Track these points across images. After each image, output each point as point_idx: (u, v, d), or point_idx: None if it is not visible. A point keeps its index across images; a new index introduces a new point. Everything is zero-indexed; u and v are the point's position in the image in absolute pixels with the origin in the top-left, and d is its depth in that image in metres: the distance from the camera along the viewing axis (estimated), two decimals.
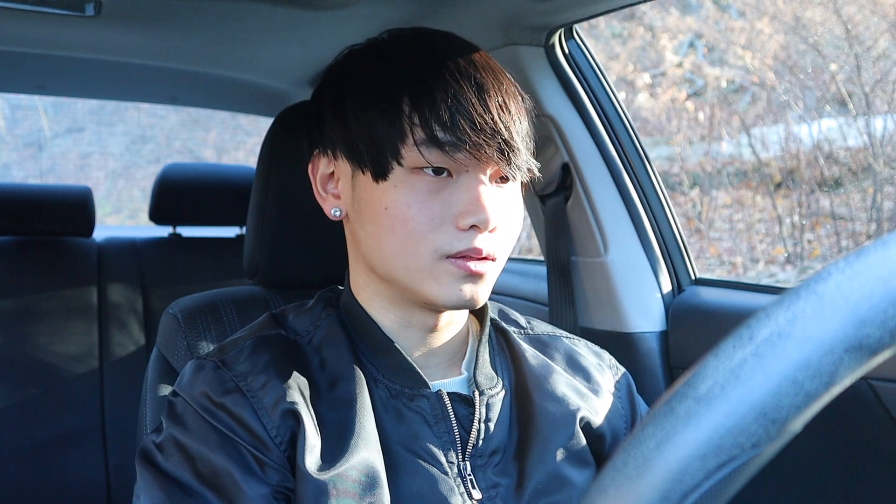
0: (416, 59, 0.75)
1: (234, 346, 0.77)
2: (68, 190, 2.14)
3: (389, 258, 0.74)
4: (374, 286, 0.80)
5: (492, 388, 0.80)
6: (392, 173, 0.72)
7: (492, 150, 0.71)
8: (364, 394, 0.75)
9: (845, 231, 4.40)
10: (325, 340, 0.79)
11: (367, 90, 0.74)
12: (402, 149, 0.71)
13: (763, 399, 0.31)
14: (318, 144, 0.81)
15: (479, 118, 0.70)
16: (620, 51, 6.77)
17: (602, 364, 0.91)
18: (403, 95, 0.72)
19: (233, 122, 8.98)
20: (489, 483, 0.75)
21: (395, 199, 0.72)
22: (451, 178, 0.72)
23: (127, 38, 1.56)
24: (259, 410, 0.71)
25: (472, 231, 0.71)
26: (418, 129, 0.71)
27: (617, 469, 0.33)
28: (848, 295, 0.32)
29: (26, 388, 1.92)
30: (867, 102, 4.31)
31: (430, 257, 0.72)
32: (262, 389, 0.72)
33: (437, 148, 0.70)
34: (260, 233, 1.03)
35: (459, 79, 0.72)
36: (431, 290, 0.73)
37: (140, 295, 2.10)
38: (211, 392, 0.72)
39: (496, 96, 0.73)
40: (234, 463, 0.69)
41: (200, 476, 0.69)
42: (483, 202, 0.71)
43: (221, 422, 0.71)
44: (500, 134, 0.71)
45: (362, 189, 0.75)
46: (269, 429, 0.70)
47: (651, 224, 1.38)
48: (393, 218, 0.72)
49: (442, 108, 0.70)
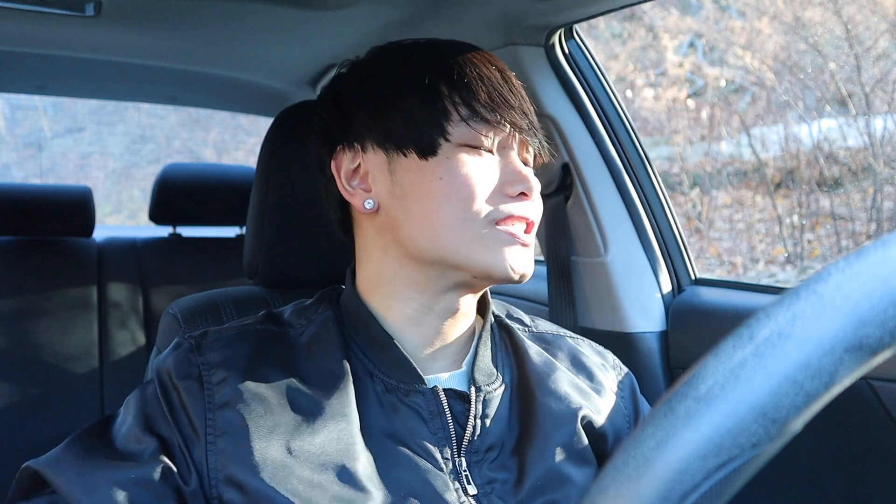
0: (440, 51, 0.80)
1: (217, 333, 0.79)
2: (68, 190, 2.14)
3: (441, 231, 0.76)
4: (404, 275, 0.79)
5: (490, 384, 0.81)
6: (441, 148, 0.76)
7: (525, 126, 0.78)
8: (348, 387, 0.76)
9: (845, 231, 4.40)
10: (317, 335, 0.80)
11: (400, 79, 0.79)
12: (447, 126, 0.76)
13: (763, 399, 0.31)
14: (339, 141, 0.81)
15: (511, 98, 0.78)
16: (620, 51, 6.77)
17: (605, 364, 0.91)
18: (440, 80, 0.77)
19: (233, 122, 8.98)
20: (485, 479, 0.76)
21: (449, 170, 0.76)
22: (491, 154, 0.78)
23: (127, 38, 1.56)
24: (208, 404, 0.73)
25: (520, 198, 0.77)
26: (462, 106, 0.76)
27: (617, 469, 0.33)
28: (848, 295, 0.32)
29: (26, 388, 1.92)
30: (867, 102, 4.31)
31: (482, 223, 0.75)
32: (219, 385, 0.74)
33: (483, 122, 0.76)
34: (260, 233, 1.03)
35: (485, 64, 0.79)
36: (484, 257, 0.76)
37: (140, 295, 2.10)
38: (174, 372, 0.75)
39: (516, 82, 0.80)
40: (166, 440, 0.73)
41: (149, 430, 0.74)
42: (526, 173, 0.78)
43: (170, 402, 0.74)
44: (527, 115, 0.79)
45: (406, 170, 0.77)
46: (208, 425, 0.72)
47: (651, 224, 1.38)
48: (448, 186, 0.75)
49: (479, 88, 0.77)
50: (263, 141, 1.05)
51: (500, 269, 0.76)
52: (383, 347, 0.78)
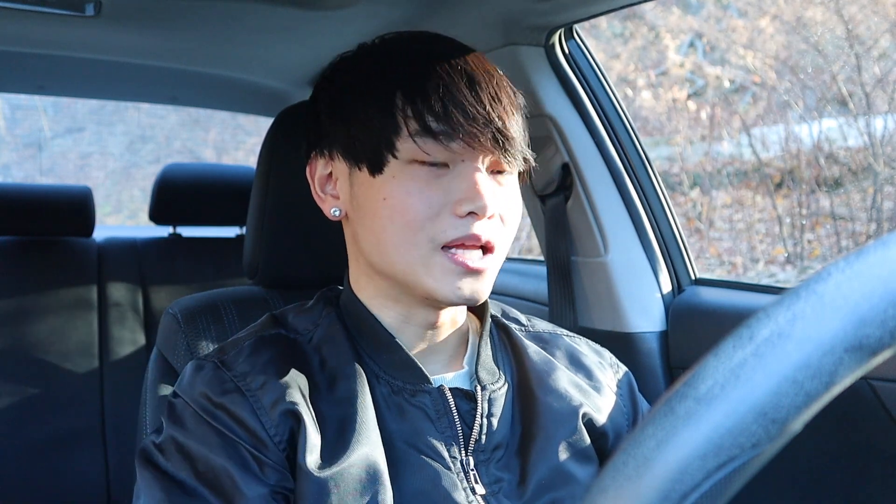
0: (408, 56, 0.77)
1: (233, 347, 0.78)
2: (68, 190, 2.14)
3: (389, 251, 0.74)
4: (375, 284, 0.80)
5: (494, 382, 0.80)
6: (388, 166, 0.73)
7: (485, 138, 0.72)
8: (365, 391, 0.75)
9: (845, 231, 4.40)
10: (325, 339, 0.80)
11: (362, 88, 0.76)
12: (396, 141, 0.73)
13: (763, 399, 0.31)
14: (315, 146, 0.82)
15: (472, 108, 0.72)
16: (621, 50, 6.77)
17: (603, 362, 0.91)
18: (396, 90, 0.74)
19: (233, 122, 8.98)
20: (492, 478, 0.76)
21: (392, 190, 0.73)
22: (447, 168, 0.74)
23: (127, 38, 1.56)
24: (258, 410, 0.71)
25: (470, 218, 0.72)
26: (412, 120, 0.72)
27: (617, 469, 0.33)
28: (848, 295, 0.32)
29: (26, 388, 1.92)
30: (867, 102, 4.31)
31: (426, 247, 0.73)
32: (261, 389, 0.73)
33: (431, 138, 0.72)
34: (260, 233, 1.03)
35: (451, 72, 0.74)
36: (429, 284, 0.73)
37: (140, 295, 2.10)
38: (210, 392, 0.73)
39: (487, 88, 0.74)
40: (233, 463, 0.69)
41: (200, 476, 0.69)
42: (480, 189, 0.72)
43: (220, 422, 0.71)
44: (493, 123, 0.72)
45: (360, 185, 0.76)
46: (269, 428, 0.71)
47: (651, 224, 1.38)
48: (391, 208, 0.73)
49: (434, 100, 0.72)
50: (263, 141, 1.05)
51: (443, 294, 0.73)
52: (387, 349, 0.78)
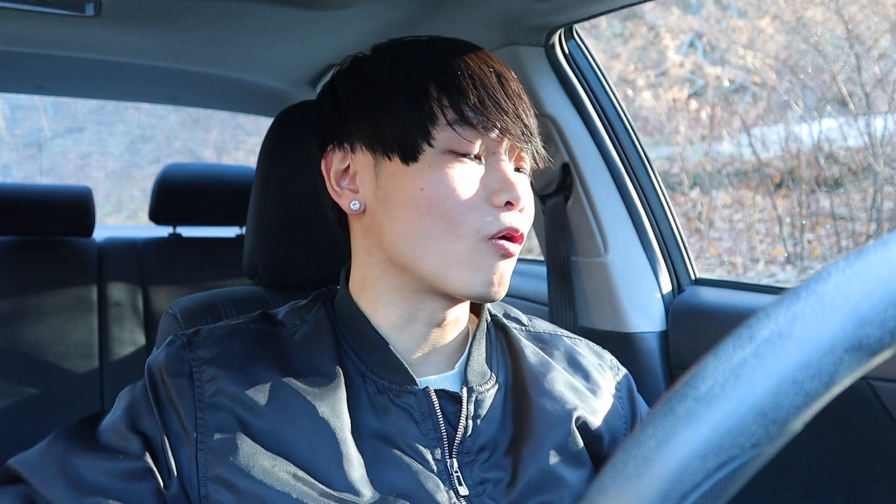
0: (436, 50, 0.78)
1: (209, 330, 0.79)
2: (68, 190, 2.14)
3: (423, 243, 0.74)
4: (387, 280, 0.79)
5: (482, 384, 0.80)
6: (423, 155, 0.74)
7: (517, 131, 0.75)
8: (340, 388, 0.75)
9: (845, 231, 4.40)
10: (309, 335, 0.80)
11: (392, 79, 0.77)
12: (432, 130, 0.73)
13: (763, 399, 0.31)
14: (331, 140, 0.81)
15: (504, 101, 0.74)
16: (621, 50, 6.77)
17: (603, 364, 0.90)
18: (429, 81, 0.75)
19: (233, 122, 8.99)
20: (477, 479, 0.75)
21: (431, 180, 0.73)
22: (479, 161, 0.75)
23: (127, 38, 1.56)
24: (198, 402, 0.73)
25: (507, 208, 0.74)
26: (448, 109, 0.73)
27: (617, 469, 0.33)
28: (848, 295, 0.32)
29: (26, 388, 1.92)
30: (867, 102, 4.31)
31: (471, 240, 0.73)
32: (210, 382, 0.73)
33: (470, 127, 0.73)
34: (260, 233, 1.03)
35: (481, 66, 0.76)
36: (465, 275, 0.74)
37: (140, 295, 2.10)
38: (165, 369, 0.75)
39: (513, 84, 0.77)
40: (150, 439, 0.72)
41: (134, 427, 0.73)
42: (513, 181, 0.74)
43: (158, 398, 0.74)
44: (521, 118, 0.75)
45: (389, 175, 0.76)
46: (199, 423, 0.72)
47: (651, 224, 1.38)
48: (430, 199, 0.73)
49: (469, 91, 0.74)
50: (263, 141, 1.05)
51: (478, 287, 0.74)
52: (375, 349, 0.78)
